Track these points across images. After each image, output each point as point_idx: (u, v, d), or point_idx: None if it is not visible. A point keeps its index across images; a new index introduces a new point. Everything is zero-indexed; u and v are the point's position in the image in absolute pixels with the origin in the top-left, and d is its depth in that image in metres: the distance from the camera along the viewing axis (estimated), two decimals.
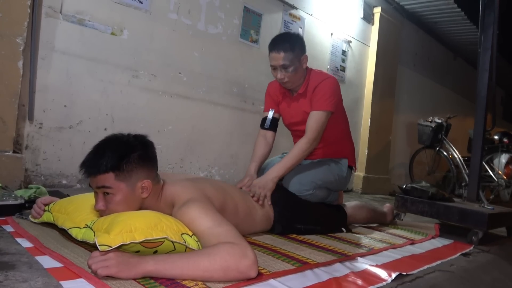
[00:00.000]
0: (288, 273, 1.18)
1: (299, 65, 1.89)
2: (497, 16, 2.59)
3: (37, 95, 2.18)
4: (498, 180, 4.32)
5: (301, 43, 1.92)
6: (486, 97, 2.58)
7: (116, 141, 1.23)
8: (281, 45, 1.85)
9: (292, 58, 1.85)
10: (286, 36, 1.91)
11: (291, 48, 1.84)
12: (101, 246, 0.99)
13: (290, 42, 1.86)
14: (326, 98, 1.88)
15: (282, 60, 1.84)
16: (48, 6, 2.18)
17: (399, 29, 5.00)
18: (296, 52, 1.86)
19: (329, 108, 1.88)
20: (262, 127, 2.10)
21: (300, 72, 1.91)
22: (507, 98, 9.34)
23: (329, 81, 1.92)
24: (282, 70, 1.87)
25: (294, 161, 1.83)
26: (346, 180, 2.07)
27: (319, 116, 1.87)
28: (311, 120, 1.87)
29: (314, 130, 1.85)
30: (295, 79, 1.92)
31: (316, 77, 1.94)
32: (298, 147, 1.84)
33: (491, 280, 1.53)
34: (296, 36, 1.93)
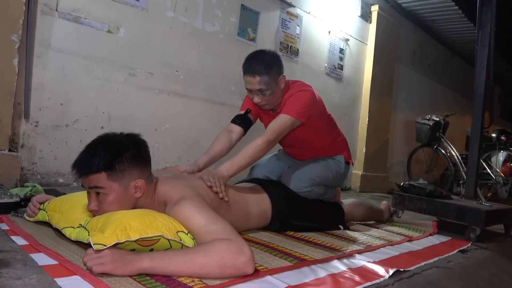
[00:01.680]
0: (285, 269, 1.17)
1: (276, 87, 1.77)
2: (494, 14, 2.59)
3: (33, 93, 2.16)
4: (496, 178, 4.32)
5: (278, 64, 1.78)
6: (483, 95, 2.57)
7: (108, 141, 1.21)
8: (256, 68, 1.71)
9: (269, 81, 1.73)
10: (261, 57, 1.75)
11: (266, 71, 1.71)
12: (96, 245, 0.98)
13: (265, 64, 1.72)
14: (295, 106, 1.75)
15: (258, 84, 1.72)
16: (43, 3, 2.17)
17: (397, 28, 5.00)
18: (272, 74, 1.73)
19: (296, 116, 1.74)
20: (232, 121, 1.93)
21: (278, 93, 1.80)
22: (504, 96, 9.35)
23: (301, 93, 1.80)
24: (258, 94, 1.76)
25: (248, 161, 1.64)
26: (344, 176, 2.06)
27: (283, 119, 1.73)
28: (275, 121, 1.74)
29: (274, 131, 1.70)
30: (273, 101, 1.82)
31: (292, 91, 1.82)
32: (255, 145, 1.65)
33: (488, 276, 1.53)
34: (273, 56, 1.79)
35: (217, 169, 1.57)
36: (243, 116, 1.93)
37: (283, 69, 1.81)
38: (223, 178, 1.51)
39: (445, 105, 6.14)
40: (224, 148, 1.84)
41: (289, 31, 3.65)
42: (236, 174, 1.62)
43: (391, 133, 5.06)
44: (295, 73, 3.70)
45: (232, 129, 1.90)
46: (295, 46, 3.71)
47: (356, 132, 4.59)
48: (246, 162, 1.64)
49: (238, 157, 1.63)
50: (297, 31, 3.73)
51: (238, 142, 1.92)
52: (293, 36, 3.69)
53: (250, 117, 1.95)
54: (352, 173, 4.55)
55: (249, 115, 1.94)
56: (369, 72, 4.61)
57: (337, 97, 4.23)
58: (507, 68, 7.29)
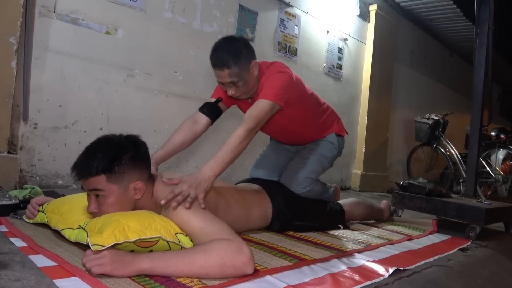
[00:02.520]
0: (284, 269, 1.17)
1: (248, 76, 1.62)
2: (492, 11, 2.59)
3: (32, 95, 2.16)
4: (495, 176, 4.32)
5: (247, 51, 1.62)
6: (482, 93, 2.57)
7: (107, 143, 1.21)
8: (223, 61, 1.56)
9: (239, 72, 1.58)
10: (228, 47, 1.59)
11: (234, 61, 1.56)
12: (94, 246, 0.98)
13: (233, 54, 1.56)
14: (272, 89, 1.60)
15: (228, 77, 1.58)
16: (41, 5, 2.17)
17: (395, 27, 5.00)
18: (242, 64, 1.58)
19: (273, 99, 1.58)
20: (200, 110, 1.78)
21: (252, 82, 1.66)
22: (503, 94, 9.36)
23: (276, 76, 1.65)
24: (231, 86, 1.63)
25: (232, 155, 1.46)
26: (340, 151, 2.00)
27: (261, 104, 1.57)
28: (253, 108, 1.57)
29: (253, 118, 1.52)
30: (248, 90, 1.67)
31: (266, 75, 1.68)
32: (237, 136, 1.47)
33: (488, 274, 1.53)
34: (240, 44, 1.62)
35: (200, 170, 1.40)
36: (212, 105, 1.78)
37: (254, 55, 1.66)
38: (207, 181, 1.34)
39: (444, 104, 6.13)
40: (187, 140, 1.72)
41: (288, 31, 3.65)
42: (222, 172, 1.45)
43: (391, 132, 5.06)
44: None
45: (198, 119, 1.76)
46: (293, 46, 3.71)
47: (356, 132, 4.59)
48: (231, 156, 1.46)
49: (221, 152, 1.45)
50: (296, 31, 3.73)
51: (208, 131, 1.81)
52: (292, 36, 3.69)
53: (221, 106, 1.81)
54: (352, 172, 4.55)
55: (220, 104, 1.80)
56: (368, 72, 4.61)
57: (336, 97, 4.22)
58: (506, 67, 7.29)
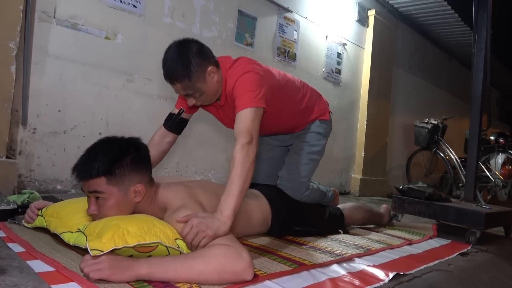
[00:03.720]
0: (284, 274, 1.17)
1: (205, 85, 1.50)
2: (490, 16, 2.60)
3: (31, 100, 2.16)
4: (495, 181, 4.32)
5: (199, 59, 1.47)
6: (481, 97, 2.58)
7: (108, 145, 1.21)
8: (172, 76, 1.46)
9: (193, 84, 1.47)
10: (177, 58, 1.45)
11: (183, 74, 1.44)
12: (93, 251, 0.97)
13: (182, 65, 1.44)
14: (246, 95, 1.46)
15: (182, 90, 1.49)
16: (41, 10, 2.17)
17: (394, 32, 5.02)
18: (194, 75, 1.45)
19: (254, 104, 1.44)
20: (164, 125, 1.72)
21: (212, 89, 1.54)
22: (502, 99, 9.38)
23: (244, 78, 1.51)
24: (189, 97, 1.53)
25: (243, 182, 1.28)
26: (328, 136, 1.96)
27: (244, 115, 1.43)
28: (237, 123, 1.42)
29: (244, 132, 1.38)
30: (209, 97, 1.56)
31: (231, 79, 1.54)
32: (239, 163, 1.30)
33: (489, 279, 1.52)
34: (190, 52, 1.46)
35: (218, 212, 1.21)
36: (175, 119, 1.72)
37: (209, 60, 1.51)
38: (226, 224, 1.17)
39: (443, 108, 6.15)
40: (157, 155, 1.67)
41: (287, 36, 3.66)
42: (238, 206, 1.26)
43: (390, 137, 5.07)
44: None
45: (165, 135, 1.72)
46: (292, 51, 3.72)
47: (355, 136, 4.59)
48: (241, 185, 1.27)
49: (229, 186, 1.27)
50: (295, 36, 3.74)
51: None
52: (291, 41, 3.70)
53: (185, 117, 1.74)
54: (351, 177, 4.55)
55: (184, 115, 1.73)
56: (367, 76, 4.62)
57: (335, 101, 4.23)
58: (504, 71, 7.32)
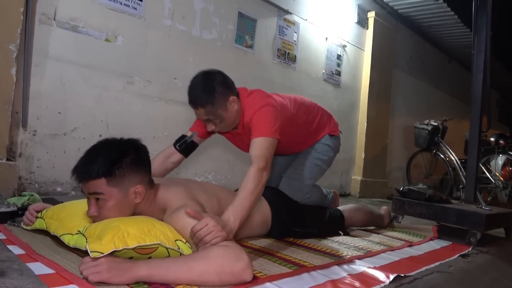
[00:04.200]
0: (284, 276, 1.16)
1: (226, 113, 1.61)
2: (490, 18, 2.60)
3: (31, 102, 2.16)
4: (495, 182, 4.31)
5: (223, 88, 1.60)
6: (481, 99, 2.58)
7: (108, 146, 1.21)
8: (197, 101, 1.58)
9: (215, 111, 1.58)
10: (203, 86, 1.58)
11: (209, 100, 1.56)
12: (93, 253, 0.97)
13: (207, 92, 1.56)
14: (263, 127, 1.57)
15: (204, 115, 1.60)
16: (41, 13, 2.18)
17: (394, 33, 5.03)
18: (217, 102, 1.57)
19: (270, 135, 1.55)
20: (174, 145, 1.77)
21: (231, 117, 1.64)
22: (502, 100, 9.38)
23: (262, 111, 1.61)
24: (209, 122, 1.64)
25: (252, 199, 1.37)
26: (336, 151, 2.01)
27: (260, 142, 1.53)
28: (254, 148, 1.52)
29: (261, 157, 1.48)
30: (228, 125, 1.68)
31: (249, 110, 1.64)
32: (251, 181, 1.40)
33: (490, 280, 1.52)
34: (215, 81, 1.60)
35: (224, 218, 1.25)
36: (187, 141, 1.78)
37: (232, 90, 1.65)
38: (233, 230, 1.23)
39: (443, 110, 6.15)
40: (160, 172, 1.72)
41: (287, 38, 3.66)
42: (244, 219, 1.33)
43: (390, 138, 5.07)
44: (293, 80, 3.72)
45: (171, 154, 1.76)
46: (292, 53, 3.72)
47: (355, 138, 4.59)
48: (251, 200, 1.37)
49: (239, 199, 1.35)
50: (295, 38, 3.74)
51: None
52: (291, 43, 3.71)
53: (196, 141, 1.81)
54: (352, 178, 4.54)
55: (195, 139, 1.80)
56: (367, 78, 4.62)
57: (335, 103, 4.23)
58: (504, 73, 7.32)
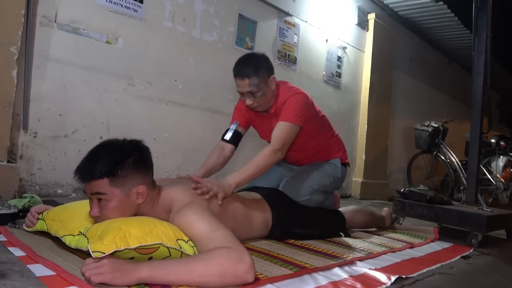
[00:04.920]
0: (285, 277, 1.16)
1: (267, 89, 1.79)
2: (490, 19, 2.60)
3: (32, 104, 2.17)
4: (496, 183, 4.31)
5: (267, 66, 1.81)
6: (481, 100, 2.58)
7: (111, 147, 1.21)
8: (245, 71, 1.74)
9: (258, 83, 1.75)
10: (250, 60, 1.78)
11: (255, 73, 1.74)
12: (95, 253, 0.97)
13: (254, 66, 1.75)
14: (291, 111, 1.77)
15: (248, 86, 1.75)
16: (42, 15, 2.18)
17: (394, 35, 5.04)
18: (261, 76, 1.76)
19: (294, 121, 1.76)
20: (222, 138, 1.97)
21: (269, 94, 1.82)
22: (502, 102, 9.39)
23: (296, 97, 1.81)
24: (249, 96, 1.79)
25: (256, 170, 1.64)
26: (342, 179, 2.05)
27: (285, 126, 1.75)
28: (276, 130, 1.75)
29: (279, 140, 1.71)
30: (264, 102, 1.83)
31: (285, 94, 1.84)
32: (262, 155, 1.67)
33: (491, 282, 1.51)
34: (261, 59, 1.81)
35: (227, 178, 1.58)
36: (232, 132, 1.96)
37: (273, 71, 1.84)
38: (229, 187, 1.51)
39: (444, 112, 6.15)
40: (218, 162, 1.91)
41: (287, 40, 3.67)
42: (244, 184, 1.64)
43: (390, 140, 5.06)
44: (293, 81, 3.68)
45: (223, 146, 1.95)
46: (293, 55, 3.73)
47: (355, 139, 4.59)
48: (253, 170, 1.64)
49: (245, 166, 1.65)
50: (295, 40, 3.75)
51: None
52: (291, 45, 3.71)
53: (239, 130, 1.99)
54: (352, 180, 4.54)
55: (238, 129, 1.98)
56: (367, 80, 4.63)
57: (335, 105, 4.24)
58: (504, 74, 7.34)
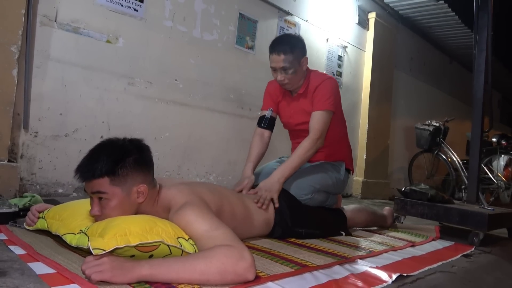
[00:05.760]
0: (286, 275, 1.16)
1: (299, 67, 1.90)
2: (490, 18, 2.60)
3: (32, 104, 2.16)
4: (497, 182, 4.30)
5: (302, 45, 1.93)
6: (482, 99, 2.58)
7: (111, 145, 1.22)
8: (281, 47, 1.85)
9: (292, 60, 1.86)
10: (287, 38, 1.93)
11: (291, 50, 1.85)
12: (95, 250, 0.97)
13: (290, 44, 1.87)
14: (327, 98, 1.89)
15: (282, 62, 1.85)
16: (43, 14, 2.18)
17: (394, 34, 5.03)
18: (296, 54, 1.87)
19: (330, 108, 1.89)
20: (259, 125, 2.08)
21: (300, 73, 1.92)
22: (504, 101, 9.37)
23: (329, 82, 1.93)
24: (282, 72, 1.88)
25: (299, 161, 1.81)
26: (344, 183, 2.06)
27: (321, 116, 1.87)
28: (314, 120, 1.87)
29: (317, 130, 1.85)
30: (295, 80, 1.93)
31: (317, 78, 1.95)
32: (302, 147, 1.82)
33: (493, 280, 1.51)
34: (297, 38, 1.96)
35: (271, 176, 1.75)
36: (266, 118, 2.06)
37: (306, 52, 1.94)
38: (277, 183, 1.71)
39: (444, 111, 6.13)
40: (261, 151, 2.04)
41: None
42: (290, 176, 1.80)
43: (391, 139, 5.06)
44: None
45: (262, 133, 2.07)
46: None
47: (356, 139, 4.58)
48: (297, 163, 1.81)
49: (290, 159, 1.81)
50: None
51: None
52: None
53: (273, 115, 2.10)
54: (353, 179, 4.54)
55: (273, 114, 2.09)
56: (368, 79, 4.62)
57: None
58: (505, 73, 7.31)
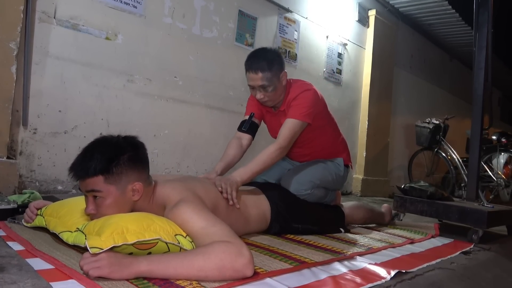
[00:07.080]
0: (285, 272, 1.16)
1: (278, 83, 1.80)
2: (491, 15, 2.59)
3: (31, 100, 2.16)
4: (497, 180, 4.30)
5: (279, 60, 1.82)
6: (482, 96, 2.57)
7: (105, 143, 1.20)
8: (258, 65, 1.74)
9: (271, 77, 1.76)
10: (263, 54, 1.80)
11: (268, 67, 1.75)
12: (92, 249, 0.97)
13: (267, 60, 1.76)
14: (301, 108, 1.79)
15: (260, 80, 1.76)
16: (41, 11, 2.18)
17: (395, 32, 5.02)
18: (274, 70, 1.77)
19: (303, 119, 1.78)
20: (239, 130, 1.97)
21: (280, 89, 1.83)
22: (504, 99, 9.36)
23: (306, 93, 1.83)
24: (261, 90, 1.79)
25: (261, 167, 1.69)
26: (344, 178, 2.06)
27: (292, 124, 1.77)
28: (284, 127, 1.77)
29: (285, 137, 1.74)
30: (275, 97, 1.84)
31: (296, 90, 1.85)
32: (267, 152, 1.71)
33: (492, 277, 1.51)
34: (274, 53, 1.84)
35: (231, 174, 1.62)
36: (248, 122, 1.95)
37: (284, 66, 1.85)
38: (236, 184, 1.55)
39: (445, 108, 6.13)
40: (237, 154, 1.90)
41: (287, 36, 3.66)
42: (250, 180, 1.69)
43: (391, 137, 5.05)
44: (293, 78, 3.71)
45: (241, 136, 1.95)
46: (293, 51, 3.72)
47: (356, 136, 4.58)
48: (259, 168, 1.69)
49: (251, 163, 1.69)
50: (295, 36, 3.74)
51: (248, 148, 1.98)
52: (291, 41, 3.70)
53: (255, 121, 1.98)
54: (353, 177, 4.54)
55: (254, 119, 1.97)
56: (368, 76, 4.61)
57: (336, 102, 4.23)
58: (506, 71, 7.31)
